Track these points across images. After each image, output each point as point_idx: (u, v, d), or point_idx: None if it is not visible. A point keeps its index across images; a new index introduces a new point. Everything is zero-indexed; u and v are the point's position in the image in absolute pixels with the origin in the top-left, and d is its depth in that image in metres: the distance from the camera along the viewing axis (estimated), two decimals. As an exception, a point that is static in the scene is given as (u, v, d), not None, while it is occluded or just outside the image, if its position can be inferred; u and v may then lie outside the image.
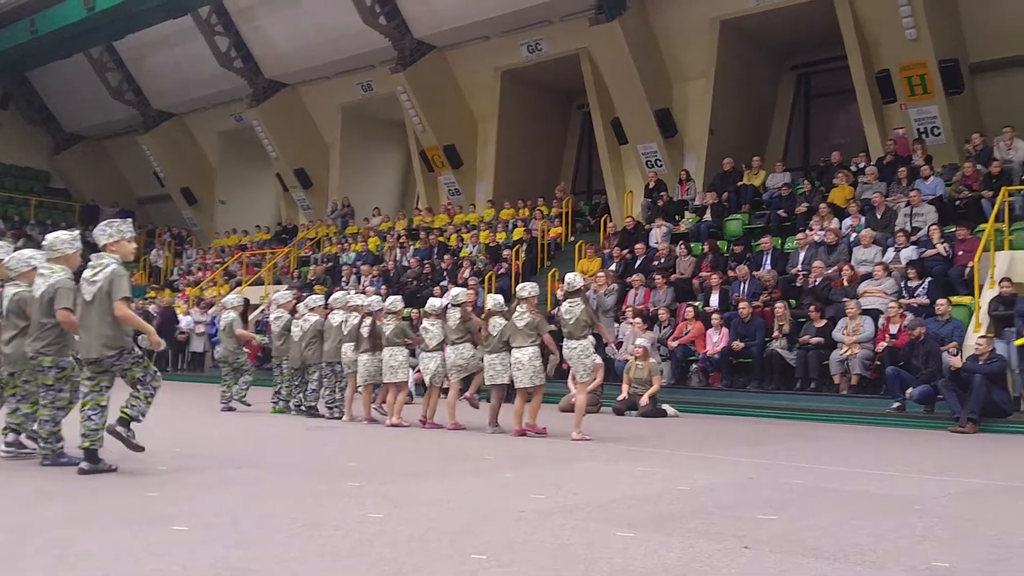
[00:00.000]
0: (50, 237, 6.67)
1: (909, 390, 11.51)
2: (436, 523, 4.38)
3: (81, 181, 31.79)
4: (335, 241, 23.79)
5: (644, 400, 12.28)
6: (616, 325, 15.08)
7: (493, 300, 9.71)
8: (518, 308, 9.26)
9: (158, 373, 6.20)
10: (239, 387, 12.11)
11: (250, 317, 21.09)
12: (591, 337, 9.00)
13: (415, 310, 17.51)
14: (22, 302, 6.54)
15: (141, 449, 6.07)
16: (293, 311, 12.02)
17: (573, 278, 9.31)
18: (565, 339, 8.99)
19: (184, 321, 21.12)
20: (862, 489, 5.82)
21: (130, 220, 6.86)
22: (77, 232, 7.27)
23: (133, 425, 5.99)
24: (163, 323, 20.44)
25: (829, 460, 7.62)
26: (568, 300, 9.04)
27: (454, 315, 9.89)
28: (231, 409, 11.92)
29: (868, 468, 7.00)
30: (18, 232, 28.66)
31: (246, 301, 18.42)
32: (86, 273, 6.10)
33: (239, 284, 23.22)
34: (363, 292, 19.50)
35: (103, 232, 6.20)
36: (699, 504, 5.09)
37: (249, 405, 12.07)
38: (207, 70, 25.51)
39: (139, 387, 6.03)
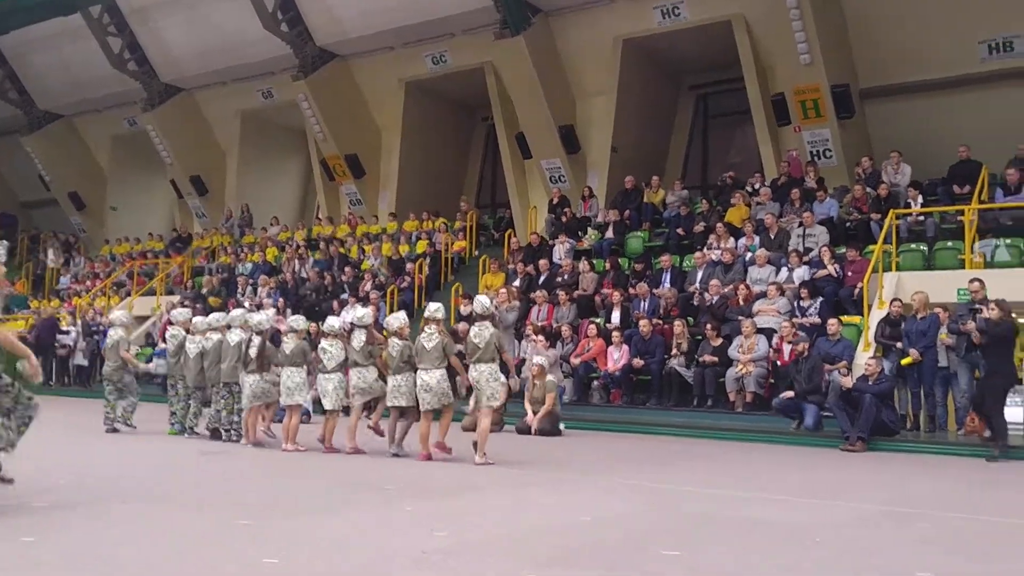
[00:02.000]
0: None
1: (799, 424, 11.86)
2: (335, 567, 4.22)
3: (-43, 182, 30.21)
4: (230, 251, 23.15)
5: (533, 420, 12.25)
6: (517, 342, 15.06)
7: (397, 320, 9.54)
8: (426, 329, 9.10)
9: (33, 399, 5.85)
10: (123, 408, 11.58)
11: (139, 330, 20.37)
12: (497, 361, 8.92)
13: (313, 324, 17.16)
14: None
15: (10, 482, 5.74)
16: (187, 329, 11.56)
17: (484, 302, 9.24)
18: (472, 363, 8.89)
19: (69, 334, 20.16)
20: (761, 516, 5.89)
21: (4, 243, 6.47)
22: None
23: (5, 456, 5.64)
24: (43, 334, 19.54)
25: (727, 483, 7.73)
26: (478, 323, 8.95)
27: (359, 337, 9.68)
28: (115, 430, 11.42)
29: (765, 491, 7.11)
30: None
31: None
32: None
33: (129, 295, 22.36)
34: (260, 305, 19.09)
35: None
36: (603, 538, 5.06)
37: (134, 427, 11.55)
38: (98, 71, 24.52)
39: (11, 416, 5.68)
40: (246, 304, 19.04)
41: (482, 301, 9.21)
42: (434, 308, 9.23)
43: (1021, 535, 5.63)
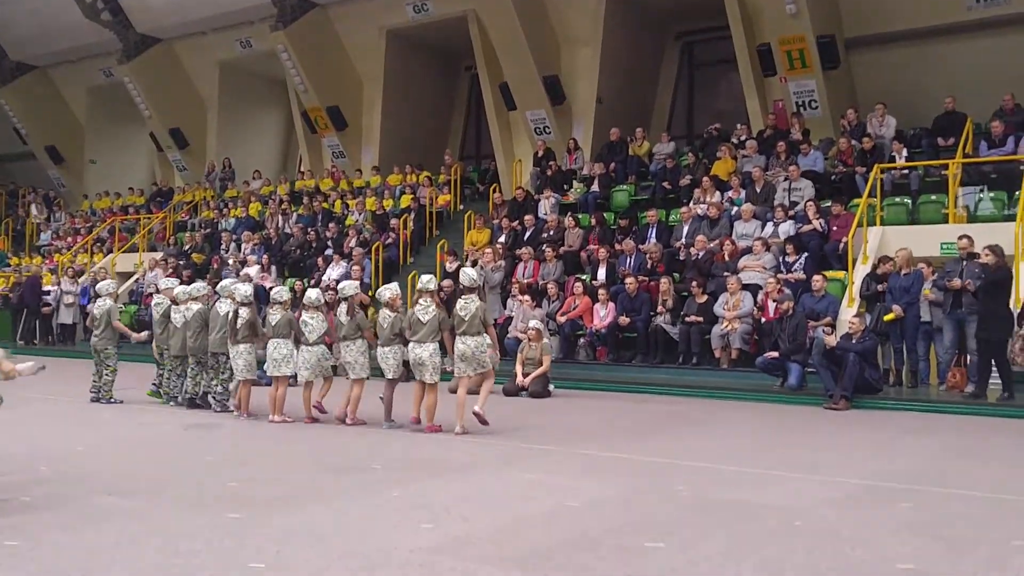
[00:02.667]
0: None
1: (783, 382, 11.94)
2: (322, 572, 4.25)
3: (-70, 135, 29.61)
4: (213, 206, 22.93)
5: (526, 382, 12.29)
6: (500, 302, 15.02)
7: (388, 291, 9.44)
8: (421, 301, 9.00)
9: None
10: (104, 383, 11.41)
11: (123, 287, 20.24)
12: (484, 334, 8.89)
13: (298, 281, 17.10)
14: None
15: None
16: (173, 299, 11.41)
17: (472, 274, 9.18)
18: (459, 335, 8.86)
19: (51, 293, 20.00)
20: (744, 498, 5.94)
21: None
22: None
23: None
24: (27, 294, 19.40)
25: (713, 454, 7.78)
26: (464, 296, 8.90)
27: (342, 310, 9.63)
28: (98, 400, 11.35)
29: (748, 465, 7.17)
30: None
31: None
32: None
33: (110, 252, 22.18)
34: (244, 261, 19.00)
35: None
36: (587, 529, 5.08)
37: (120, 402, 11.40)
38: (71, 20, 23.95)
39: None
40: (230, 261, 18.98)
41: (469, 274, 9.15)
42: (427, 280, 9.11)
43: (1001, 512, 5.70)
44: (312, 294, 10.06)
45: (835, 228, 14.12)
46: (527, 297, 14.06)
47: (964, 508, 5.71)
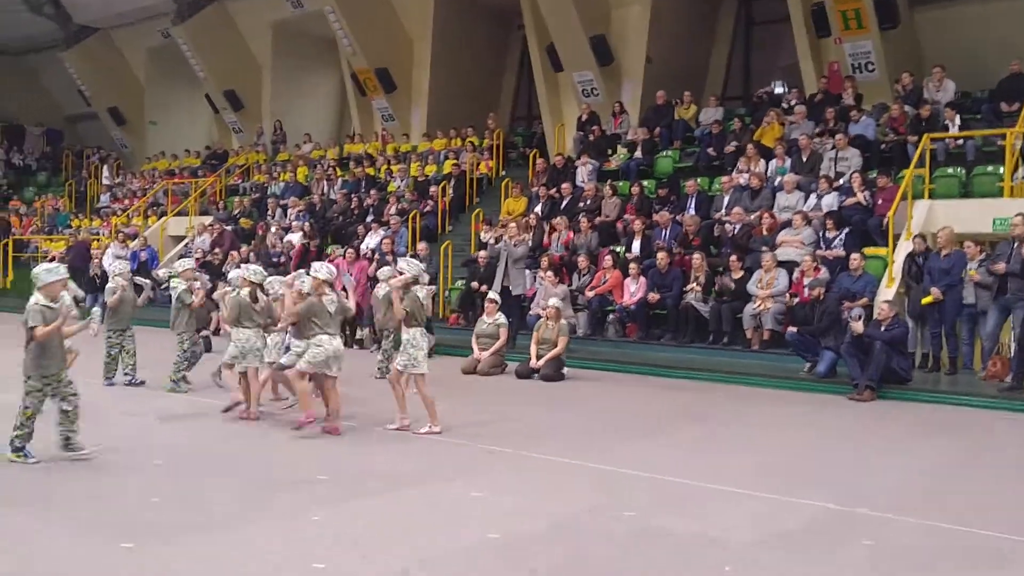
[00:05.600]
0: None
1: (810, 367, 11.38)
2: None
3: (3, 98, 30.37)
4: (264, 169, 23.01)
5: (539, 364, 11.93)
6: (530, 274, 14.66)
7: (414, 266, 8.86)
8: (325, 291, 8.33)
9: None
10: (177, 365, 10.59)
11: (172, 251, 20.55)
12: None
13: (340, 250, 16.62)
14: None
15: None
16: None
17: (404, 265, 8.61)
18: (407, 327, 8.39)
19: (105, 260, 20.14)
20: (684, 528, 5.48)
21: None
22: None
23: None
24: (76, 259, 19.60)
25: (687, 464, 7.31)
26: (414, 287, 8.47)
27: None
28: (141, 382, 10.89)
29: (716, 478, 6.72)
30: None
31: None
32: None
33: (164, 215, 22.49)
34: (288, 228, 19.02)
35: None
36: (511, 572, 4.72)
37: (142, 383, 10.73)
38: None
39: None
40: (273, 228, 19.04)
41: (409, 264, 8.61)
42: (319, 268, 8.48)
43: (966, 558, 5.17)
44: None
45: (881, 201, 13.33)
46: (550, 274, 13.68)
47: (930, 555, 5.15)
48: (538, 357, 12.00)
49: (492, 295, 12.71)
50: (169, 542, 5.07)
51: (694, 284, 13.52)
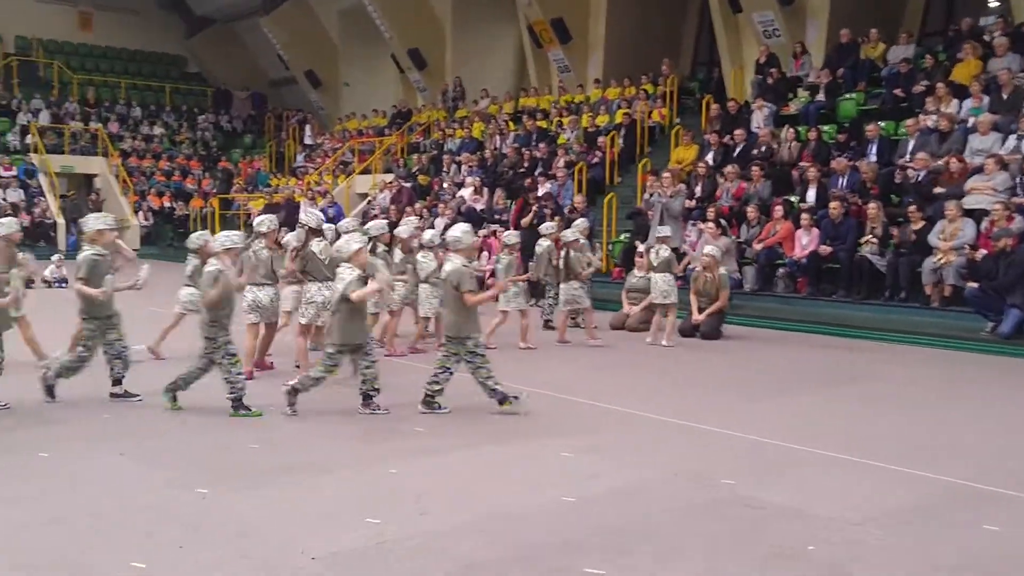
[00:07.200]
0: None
1: (993, 327, 10.30)
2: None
3: (213, 65, 32.49)
4: (443, 126, 23.38)
5: (700, 318, 11.42)
6: (685, 226, 14.09)
7: (513, 236, 9.32)
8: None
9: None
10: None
11: (356, 209, 21.31)
12: None
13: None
14: None
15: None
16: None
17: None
18: None
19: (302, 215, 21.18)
20: (785, 503, 5.00)
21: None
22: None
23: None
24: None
25: (838, 425, 6.77)
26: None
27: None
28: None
29: (829, 444, 6.17)
30: (155, 119, 29.84)
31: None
32: None
33: (351, 174, 23.37)
34: (461, 184, 19.27)
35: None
36: (566, 535, 4.48)
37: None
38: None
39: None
40: (446, 184, 19.34)
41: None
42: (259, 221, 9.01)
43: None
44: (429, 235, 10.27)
45: (1093, 141, 11.83)
46: (710, 225, 13.06)
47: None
48: (700, 311, 11.50)
49: (710, 249, 11.86)
50: (241, 490, 5.18)
51: (870, 236, 12.56)
